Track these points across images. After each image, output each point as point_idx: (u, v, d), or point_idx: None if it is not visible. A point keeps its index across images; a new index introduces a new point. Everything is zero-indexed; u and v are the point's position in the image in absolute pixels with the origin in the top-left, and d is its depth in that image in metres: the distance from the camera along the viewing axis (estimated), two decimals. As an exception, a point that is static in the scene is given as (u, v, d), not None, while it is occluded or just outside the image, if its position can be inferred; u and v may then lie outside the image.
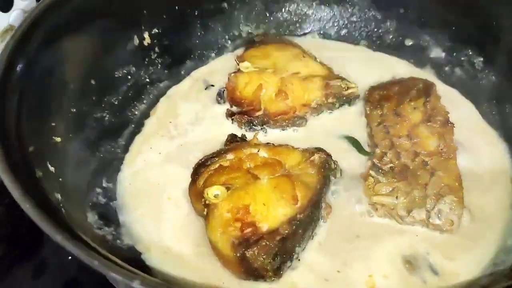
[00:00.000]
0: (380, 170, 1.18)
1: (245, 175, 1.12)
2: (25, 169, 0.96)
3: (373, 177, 1.17)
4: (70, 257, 1.13)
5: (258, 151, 1.18)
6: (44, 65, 1.14)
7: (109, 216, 1.17)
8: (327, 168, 1.18)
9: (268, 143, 1.24)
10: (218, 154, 1.19)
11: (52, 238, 0.80)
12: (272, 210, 1.06)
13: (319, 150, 1.22)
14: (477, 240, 1.11)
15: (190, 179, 1.18)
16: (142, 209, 1.20)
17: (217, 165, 1.15)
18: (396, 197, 1.13)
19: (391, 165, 1.18)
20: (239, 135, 1.30)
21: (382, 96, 1.35)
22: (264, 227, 1.04)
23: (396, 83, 1.39)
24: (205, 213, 1.09)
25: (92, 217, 1.13)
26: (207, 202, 1.08)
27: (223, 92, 1.42)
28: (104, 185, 1.24)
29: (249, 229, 1.03)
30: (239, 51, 1.55)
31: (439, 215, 1.10)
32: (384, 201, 1.13)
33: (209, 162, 1.17)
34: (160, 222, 1.16)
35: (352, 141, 1.31)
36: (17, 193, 0.84)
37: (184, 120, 1.40)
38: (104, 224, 1.14)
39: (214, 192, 1.08)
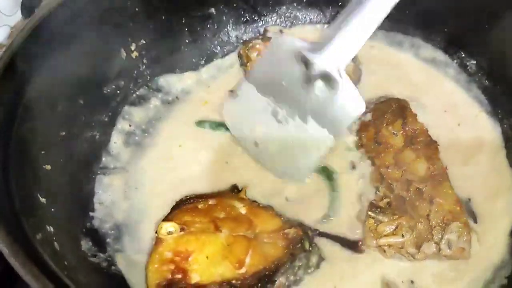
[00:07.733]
0: (378, 209, 1.13)
1: (208, 222, 1.08)
2: (8, 207, 0.95)
3: (373, 218, 1.12)
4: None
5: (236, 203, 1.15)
6: (31, 91, 1.12)
7: (103, 241, 1.18)
8: (297, 247, 1.10)
9: (254, 201, 1.20)
10: (202, 196, 1.17)
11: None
12: (211, 265, 1.03)
13: (299, 225, 1.16)
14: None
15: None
16: (132, 236, 1.21)
17: (191, 206, 1.13)
18: (402, 235, 1.08)
19: (387, 200, 1.14)
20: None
21: (359, 126, 1.29)
22: (195, 278, 1.01)
23: (369, 108, 1.31)
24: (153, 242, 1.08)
25: (85, 245, 1.14)
26: (156, 235, 1.06)
27: None
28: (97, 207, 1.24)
29: (179, 275, 1.01)
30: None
31: (449, 245, 1.07)
32: (391, 242, 1.09)
33: (191, 200, 1.15)
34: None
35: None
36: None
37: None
38: (98, 250, 1.15)
39: (168, 228, 1.06)
